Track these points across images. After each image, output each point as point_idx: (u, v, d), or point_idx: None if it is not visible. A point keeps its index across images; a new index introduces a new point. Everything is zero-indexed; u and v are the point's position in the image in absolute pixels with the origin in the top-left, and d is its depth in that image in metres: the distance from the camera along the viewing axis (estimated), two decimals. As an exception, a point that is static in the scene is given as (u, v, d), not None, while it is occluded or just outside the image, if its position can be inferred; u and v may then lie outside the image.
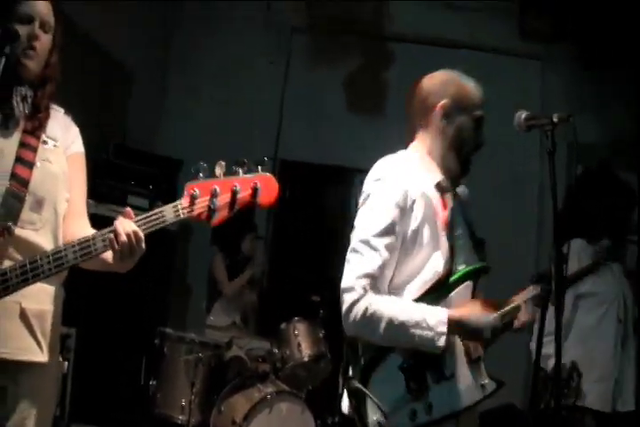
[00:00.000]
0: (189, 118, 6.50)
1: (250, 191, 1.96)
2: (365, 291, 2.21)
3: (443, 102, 2.39)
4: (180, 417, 4.07)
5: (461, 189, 2.56)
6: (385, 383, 2.22)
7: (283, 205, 6.04)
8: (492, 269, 2.41)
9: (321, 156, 6.48)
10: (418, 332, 2.17)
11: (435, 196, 2.38)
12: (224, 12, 6.67)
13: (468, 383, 2.26)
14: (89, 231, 2.11)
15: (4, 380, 2.00)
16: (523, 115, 2.26)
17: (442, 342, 2.16)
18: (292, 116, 6.67)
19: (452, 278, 2.32)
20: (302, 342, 4.30)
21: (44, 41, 2.14)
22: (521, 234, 6.01)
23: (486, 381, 2.28)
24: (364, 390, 2.19)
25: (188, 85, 6.60)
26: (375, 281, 2.23)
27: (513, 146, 5.48)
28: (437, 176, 2.41)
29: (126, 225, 1.94)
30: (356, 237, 2.28)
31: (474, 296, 2.35)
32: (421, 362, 2.23)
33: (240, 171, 1.97)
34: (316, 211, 6.59)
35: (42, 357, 2.06)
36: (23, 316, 2.03)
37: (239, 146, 6.05)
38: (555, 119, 2.15)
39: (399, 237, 2.27)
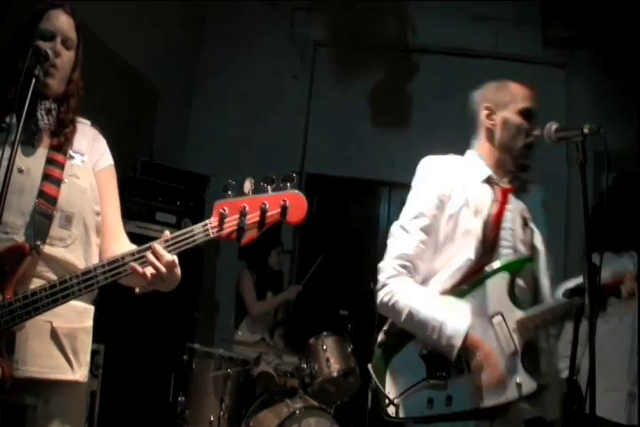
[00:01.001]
0: (216, 134, 6.56)
1: (279, 209, 1.93)
2: (398, 271, 2.34)
3: (484, 104, 2.51)
4: (209, 433, 4.06)
5: (534, 189, 2.60)
6: (404, 367, 2.32)
7: (309, 220, 6.02)
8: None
9: (347, 169, 6.50)
10: (433, 335, 2.23)
11: (484, 189, 2.46)
12: (249, 28, 6.75)
13: (498, 380, 2.22)
14: (128, 246, 2.13)
15: (34, 399, 2.01)
16: (553, 126, 2.27)
17: (453, 354, 2.21)
18: (318, 129, 6.70)
19: (488, 269, 2.36)
20: (331, 357, 4.27)
21: (66, 57, 2.16)
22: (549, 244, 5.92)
23: (523, 379, 2.22)
24: (374, 379, 2.34)
25: (214, 101, 6.66)
26: (408, 261, 2.35)
27: (540, 153, 5.43)
28: (488, 171, 2.49)
29: (158, 254, 1.93)
30: (394, 224, 2.44)
31: (512, 289, 2.35)
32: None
33: (269, 188, 1.95)
34: (343, 224, 6.57)
35: (72, 375, 2.07)
36: (54, 335, 2.04)
37: (265, 160, 6.10)
38: (585, 131, 2.15)
39: (437, 221, 2.38)
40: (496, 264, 2.36)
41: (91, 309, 2.19)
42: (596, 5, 5.83)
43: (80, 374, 2.10)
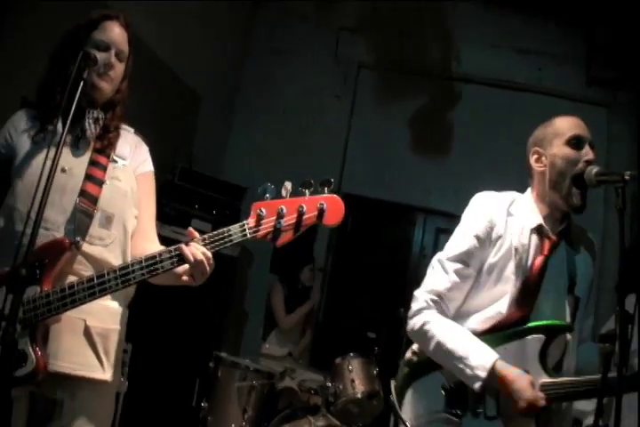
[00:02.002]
0: (255, 147, 6.63)
1: (316, 212, 1.98)
2: (428, 305, 2.35)
3: (532, 149, 2.47)
4: (230, 442, 4.08)
5: (590, 240, 2.53)
6: (424, 394, 2.35)
7: (344, 238, 6.07)
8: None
9: (384, 192, 6.52)
10: (460, 366, 2.24)
11: (533, 238, 2.40)
12: (294, 45, 6.86)
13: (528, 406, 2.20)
14: (157, 247, 2.17)
15: (61, 394, 2.05)
16: (594, 170, 2.25)
17: (477, 385, 2.20)
18: (357, 150, 6.74)
19: (522, 327, 2.32)
20: (356, 378, 4.26)
21: (118, 69, 2.24)
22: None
23: None
24: (394, 399, 2.38)
25: (255, 115, 6.73)
26: (441, 299, 2.36)
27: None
28: (538, 219, 2.41)
29: (194, 249, 2.00)
30: (436, 256, 2.43)
31: (544, 352, 2.31)
32: (464, 390, 2.28)
33: (306, 191, 2.00)
34: (377, 247, 6.58)
35: (102, 374, 2.11)
36: (87, 333, 2.09)
37: (303, 177, 6.05)
38: (626, 177, 2.12)
39: (474, 266, 2.36)
40: (537, 323, 2.32)
41: (125, 312, 2.25)
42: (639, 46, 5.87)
43: (109, 374, 2.14)
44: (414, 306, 2.38)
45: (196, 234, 2.04)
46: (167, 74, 5.22)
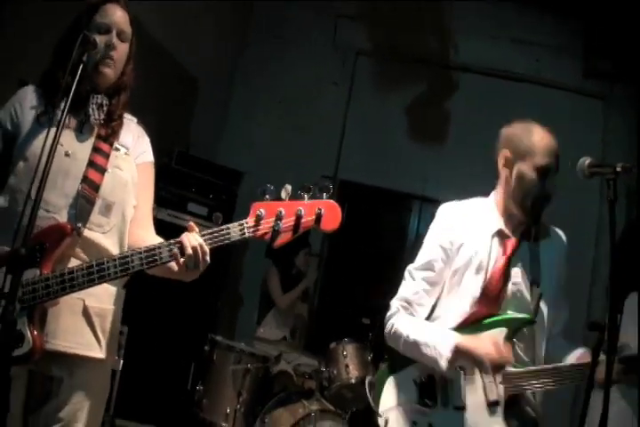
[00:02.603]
0: (253, 132, 6.64)
1: (313, 216, 2.03)
2: (398, 310, 2.53)
3: (503, 152, 2.54)
4: (224, 424, 4.10)
5: (555, 235, 2.65)
6: (398, 387, 2.51)
7: (340, 224, 6.03)
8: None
9: (380, 179, 6.54)
10: (425, 351, 2.40)
11: (494, 242, 2.53)
12: (292, 32, 6.85)
13: (478, 422, 2.37)
14: (154, 238, 2.22)
15: (60, 371, 2.10)
16: (586, 161, 2.26)
17: (444, 363, 2.35)
18: (354, 137, 6.75)
19: (486, 322, 2.48)
20: (350, 363, 4.30)
21: (121, 50, 2.25)
22: (575, 276, 5.94)
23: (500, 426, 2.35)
24: (368, 391, 2.76)
25: (252, 101, 6.73)
26: (410, 304, 2.53)
27: (571, 185, 5.46)
28: (499, 224, 2.55)
29: (192, 238, 2.03)
30: (407, 268, 2.60)
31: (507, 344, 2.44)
32: (433, 382, 2.46)
33: (305, 196, 2.04)
34: (372, 233, 6.60)
35: (99, 353, 2.16)
36: (85, 313, 2.13)
37: (300, 163, 6.16)
38: (618, 169, 2.14)
39: (440, 273, 2.53)
40: (496, 317, 2.47)
41: (122, 292, 2.28)
42: (637, 39, 5.88)
43: (107, 353, 2.19)
44: (387, 314, 2.57)
45: (196, 228, 2.08)
46: (167, 59, 5.21)
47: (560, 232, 2.67)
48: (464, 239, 2.52)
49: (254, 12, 7.03)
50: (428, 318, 2.57)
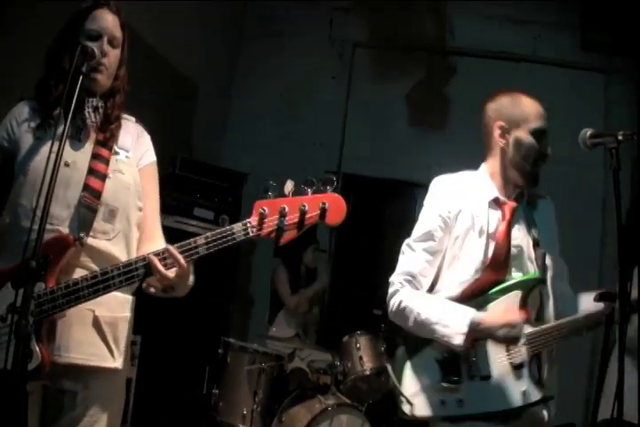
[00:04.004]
0: (254, 132, 6.63)
1: (318, 211, 1.97)
2: (402, 285, 2.46)
3: (497, 122, 2.54)
4: (241, 426, 4.12)
5: (544, 204, 2.66)
6: (420, 370, 2.44)
7: (346, 218, 6.02)
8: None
9: (384, 170, 6.51)
10: (438, 328, 2.34)
11: (491, 209, 2.52)
12: (288, 27, 6.84)
13: (506, 388, 2.34)
14: (162, 241, 2.21)
15: (75, 385, 2.07)
16: (588, 132, 2.28)
17: (459, 340, 2.30)
18: (356, 130, 6.73)
19: (498, 288, 2.44)
20: (364, 355, 4.30)
21: (113, 56, 2.23)
22: (583, 248, 5.90)
23: (528, 388, 2.33)
24: (394, 378, 2.48)
25: (253, 99, 6.72)
26: (413, 277, 2.47)
27: (575, 158, 5.42)
28: (494, 192, 2.54)
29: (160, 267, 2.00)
30: (404, 242, 2.56)
31: (524, 306, 2.41)
32: (457, 357, 2.39)
33: (309, 190, 1.99)
34: (379, 224, 6.58)
35: (113, 363, 2.13)
36: (96, 323, 2.10)
37: (303, 159, 6.17)
38: (619, 137, 2.16)
39: (440, 242, 2.48)
40: (509, 282, 2.44)
41: (131, 299, 2.25)
42: (635, 11, 5.79)
43: (120, 361, 2.16)
44: (390, 290, 2.51)
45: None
46: (162, 64, 5.19)
47: (546, 196, 2.70)
48: (461, 207, 2.49)
49: (249, 10, 7.03)
50: (430, 290, 2.51)
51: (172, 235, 2.34)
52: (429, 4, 6.65)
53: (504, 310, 2.38)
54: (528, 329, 2.38)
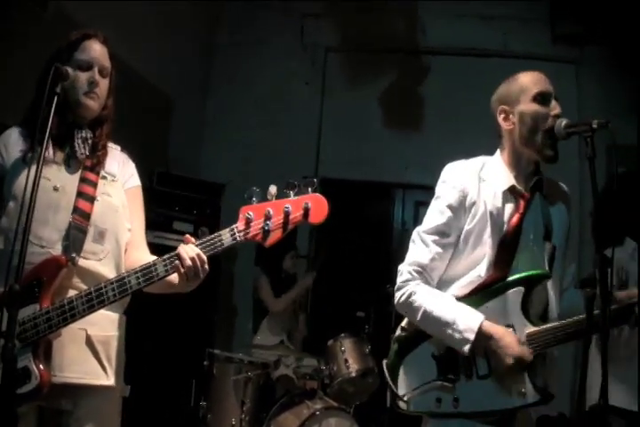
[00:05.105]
0: (230, 141, 6.65)
1: (301, 211, 2.05)
2: (412, 276, 2.41)
3: (500, 108, 2.48)
4: (230, 436, 4.10)
5: (560, 194, 2.57)
6: (416, 366, 2.40)
7: (324, 223, 6.01)
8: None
9: (361, 172, 6.52)
10: (447, 331, 2.29)
11: (506, 200, 2.44)
12: (260, 36, 6.85)
13: (504, 388, 2.29)
14: (149, 258, 2.22)
15: (69, 404, 2.11)
16: (562, 122, 2.29)
17: (466, 347, 2.26)
18: (331, 134, 6.76)
19: (501, 283, 2.37)
20: (349, 357, 4.29)
21: (103, 86, 2.29)
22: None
23: (527, 389, 2.27)
24: (386, 373, 2.43)
25: (227, 109, 6.75)
26: (424, 269, 2.41)
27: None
28: (510, 181, 2.45)
29: (189, 249, 2.07)
30: (415, 230, 2.49)
31: (526, 304, 2.35)
32: (454, 355, 2.34)
33: (291, 193, 2.07)
34: (358, 227, 6.57)
35: (107, 380, 2.17)
36: (89, 342, 2.15)
37: (280, 166, 6.18)
38: (594, 125, 2.16)
39: (453, 235, 2.42)
40: (513, 277, 2.37)
41: (123, 318, 2.30)
42: (604, 1, 5.82)
43: (113, 379, 2.20)
44: (399, 279, 2.45)
45: (193, 240, 2.12)
46: (134, 78, 5.17)
47: (564, 186, 2.61)
48: (476, 198, 2.41)
49: (220, 18, 7.04)
50: (438, 283, 2.46)
51: (152, 250, 2.38)
52: (400, 5, 6.67)
53: (515, 338, 2.27)
54: (529, 329, 2.32)
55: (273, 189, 2.08)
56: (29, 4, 3.94)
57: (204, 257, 2.09)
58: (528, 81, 2.44)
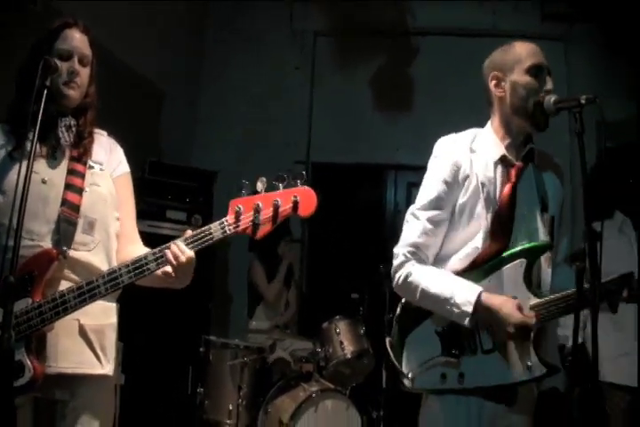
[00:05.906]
0: (222, 129, 6.63)
1: (290, 204, 2.06)
2: (407, 258, 2.40)
3: (492, 75, 2.45)
4: (228, 421, 4.12)
5: (552, 165, 2.55)
6: (420, 344, 2.39)
7: (318, 207, 6.02)
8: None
9: (353, 155, 6.51)
10: (446, 307, 2.28)
11: (498, 170, 2.43)
12: (249, 24, 6.83)
13: (510, 362, 2.29)
14: (142, 251, 2.22)
15: (64, 394, 2.11)
16: (552, 99, 2.27)
17: (467, 321, 2.25)
18: (322, 118, 6.73)
19: (502, 256, 2.36)
20: (344, 339, 4.31)
21: (84, 74, 2.26)
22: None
23: (533, 363, 2.26)
24: (390, 352, 2.42)
25: (218, 97, 6.71)
26: (418, 249, 2.40)
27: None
28: (501, 151, 2.43)
29: (174, 246, 2.07)
30: (409, 209, 2.47)
31: (528, 275, 2.34)
32: (458, 331, 2.33)
33: (280, 186, 2.07)
34: (351, 210, 6.57)
35: (101, 369, 2.17)
36: (82, 332, 2.14)
37: (272, 152, 6.20)
38: (582, 101, 2.14)
39: (446, 210, 2.40)
40: (514, 249, 2.35)
41: (115, 306, 2.30)
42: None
43: (108, 368, 2.20)
44: (395, 262, 2.44)
45: (187, 234, 2.11)
46: (124, 68, 5.14)
47: (556, 158, 2.60)
48: (468, 171, 2.40)
49: (209, 10, 6.99)
50: (435, 260, 2.45)
51: (146, 239, 2.39)
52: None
53: (515, 305, 2.24)
54: (533, 300, 2.30)
55: (262, 181, 2.08)
56: (19, -2, 3.91)
57: (191, 253, 2.07)
58: (524, 51, 2.43)
